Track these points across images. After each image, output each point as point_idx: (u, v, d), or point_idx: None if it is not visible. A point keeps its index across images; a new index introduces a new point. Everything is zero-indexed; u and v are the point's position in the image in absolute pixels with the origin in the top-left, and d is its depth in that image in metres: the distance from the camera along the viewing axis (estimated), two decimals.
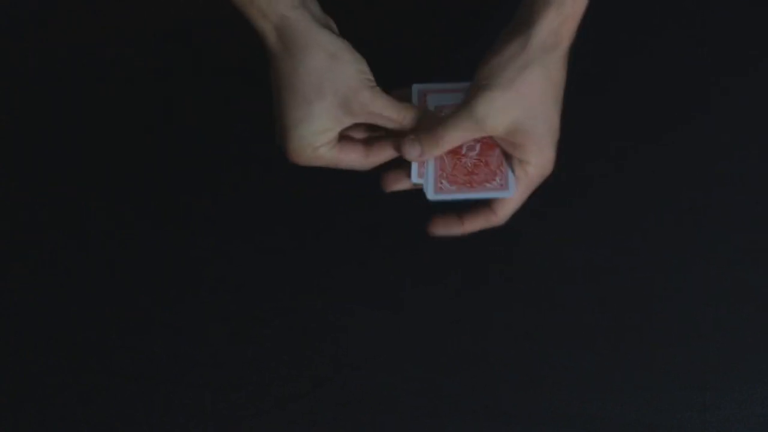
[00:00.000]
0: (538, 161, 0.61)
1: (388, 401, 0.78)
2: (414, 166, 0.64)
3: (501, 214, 0.64)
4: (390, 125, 0.62)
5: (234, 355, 0.80)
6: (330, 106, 0.59)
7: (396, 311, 0.81)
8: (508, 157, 0.63)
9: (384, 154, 0.64)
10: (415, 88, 0.67)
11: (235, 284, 0.82)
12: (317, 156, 0.61)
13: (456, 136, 0.61)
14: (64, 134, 0.88)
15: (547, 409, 0.77)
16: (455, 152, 0.65)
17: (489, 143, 0.64)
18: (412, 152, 0.62)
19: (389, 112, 0.61)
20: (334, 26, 0.64)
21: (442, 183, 0.64)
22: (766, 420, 0.76)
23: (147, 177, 0.86)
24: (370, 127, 0.65)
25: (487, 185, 0.63)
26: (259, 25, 0.59)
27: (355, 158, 0.63)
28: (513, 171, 0.63)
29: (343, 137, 0.63)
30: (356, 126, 0.64)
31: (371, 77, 0.61)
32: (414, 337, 0.80)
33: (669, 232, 0.81)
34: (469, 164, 0.64)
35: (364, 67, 0.60)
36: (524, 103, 0.59)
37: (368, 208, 0.83)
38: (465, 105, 0.60)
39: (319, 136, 0.60)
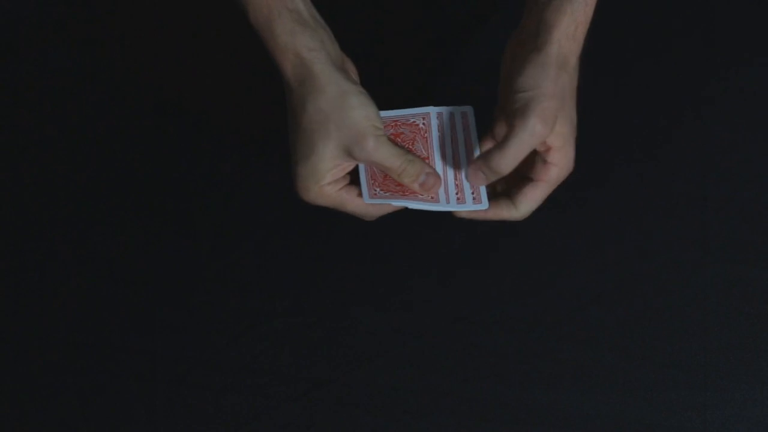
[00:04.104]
0: (563, 162, 0.63)
1: (388, 401, 0.78)
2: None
3: (522, 210, 0.65)
4: (391, 174, 0.63)
5: (234, 356, 0.80)
6: (333, 148, 0.61)
7: (396, 311, 0.81)
8: (528, 169, 0.64)
9: (388, 207, 0.65)
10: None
11: (235, 285, 0.82)
12: (323, 194, 0.63)
13: (519, 154, 0.61)
14: (64, 134, 0.88)
15: (547, 408, 0.77)
16: None
17: (422, 157, 0.65)
18: (477, 180, 0.63)
19: (390, 163, 0.62)
20: (351, 67, 0.66)
21: (374, 191, 0.65)
22: (766, 420, 0.76)
23: (147, 177, 0.86)
24: None
25: (419, 196, 0.64)
26: (279, 61, 0.61)
27: (360, 204, 0.64)
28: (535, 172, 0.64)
29: (353, 180, 0.65)
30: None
31: (379, 124, 0.61)
32: (414, 337, 0.80)
33: (669, 231, 0.81)
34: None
35: (371, 113, 0.61)
36: (560, 109, 0.61)
37: None
38: (520, 122, 0.60)
39: (322, 174, 0.61)
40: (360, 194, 0.64)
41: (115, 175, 0.86)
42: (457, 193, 0.65)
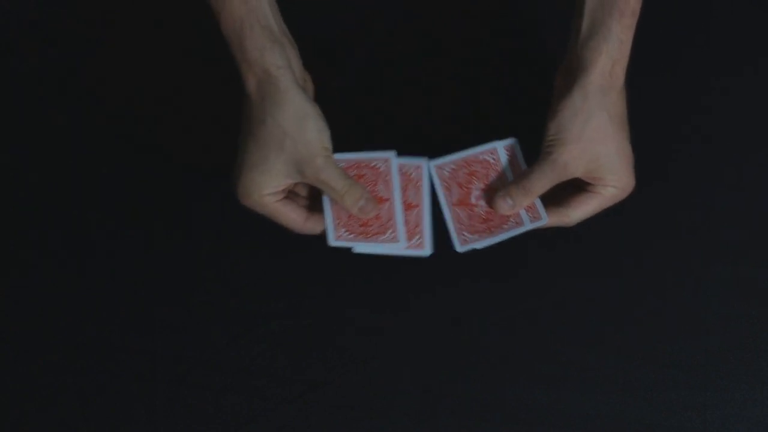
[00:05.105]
0: (619, 184, 0.67)
1: (384, 403, 0.78)
2: (330, 229, 0.69)
3: (573, 217, 0.69)
4: (333, 195, 0.66)
5: (234, 356, 0.80)
6: (284, 162, 0.65)
7: (395, 312, 0.81)
8: (586, 185, 0.67)
9: (321, 226, 0.69)
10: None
11: (234, 285, 0.82)
12: (262, 203, 0.67)
13: (544, 184, 0.66)
14: (63, 134, 0.88)
15: (547, 409, 0.77)
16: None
17: (380, 198, 0.69)
18: (503, 206, 0.68)
19: (335, 183, 0.66)
20: (310, 85, 0.71)
21: (340, 232, 0.68)
22: (766, 420, 0.76)
23: (147, 176, 0.86)
24: (315, 191, 0.70)
25: (381, 237, 0.68)
26: (244, 72, 0.66)
27: (294, 219, 0.68)
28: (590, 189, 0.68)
29: (290, 193, 0.69)
30: (303, 184, 0.70)
31: (329, 146, 0.66)
32: (412, 337, 0.80)
33: (669, 231, 0.81)
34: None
35: (325, 136, 0.66)
36: (596, 146, 0.65)
37: None
38: (546, 157, 0.65)
39: (267, 184, 0.66)
40: (294, 210, 0.68)
41: (115, 174, 0.86)
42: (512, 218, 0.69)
